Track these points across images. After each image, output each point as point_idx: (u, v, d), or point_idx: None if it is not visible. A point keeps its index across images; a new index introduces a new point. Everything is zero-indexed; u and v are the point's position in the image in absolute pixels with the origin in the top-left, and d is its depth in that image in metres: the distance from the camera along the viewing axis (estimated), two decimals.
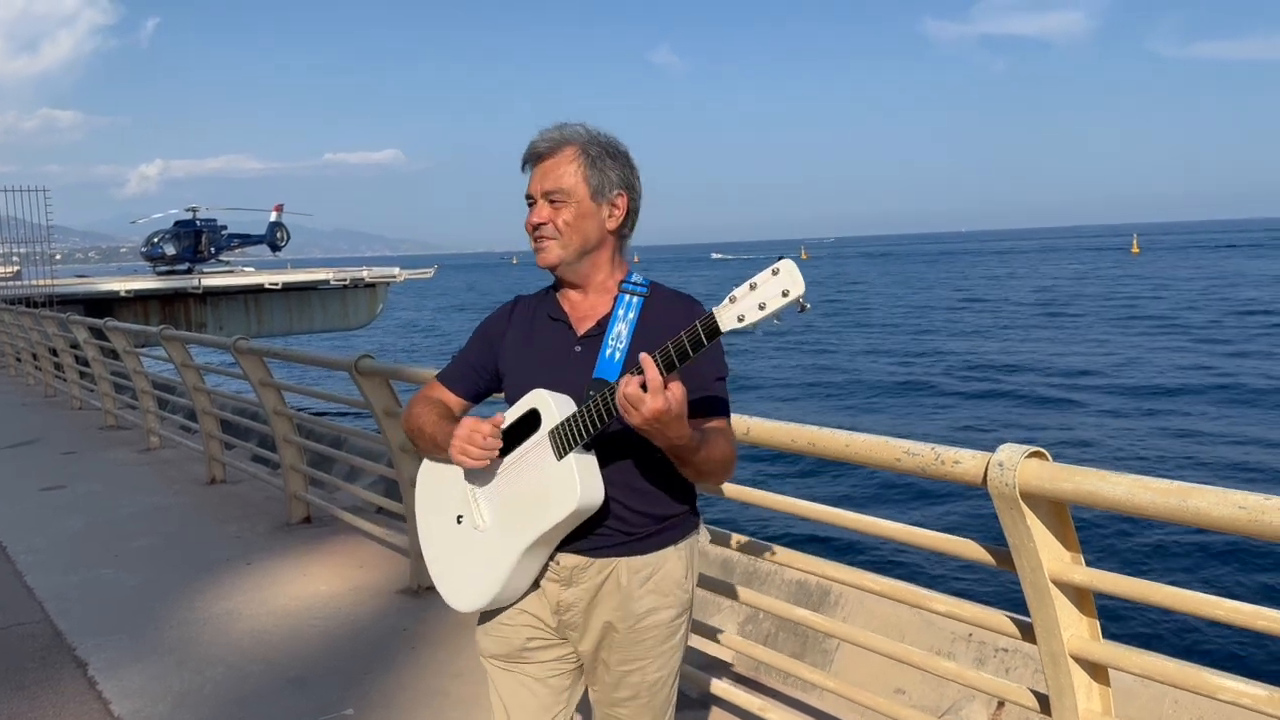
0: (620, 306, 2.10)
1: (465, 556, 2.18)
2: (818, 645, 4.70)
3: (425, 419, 2.23)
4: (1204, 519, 1.79)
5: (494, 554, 2.11)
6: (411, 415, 2.28)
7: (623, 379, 1.83)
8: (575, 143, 2.12)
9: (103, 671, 4.16)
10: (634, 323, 2.08)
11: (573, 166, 2.10)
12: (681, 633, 2.22)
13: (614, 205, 2.14)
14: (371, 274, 34.82)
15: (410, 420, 2.28)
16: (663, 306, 2.11)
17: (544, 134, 2.14)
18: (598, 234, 2.13)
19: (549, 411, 2.01)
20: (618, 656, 2.16)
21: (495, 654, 2.24)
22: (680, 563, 2.18)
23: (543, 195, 2.11)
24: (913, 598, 2.63)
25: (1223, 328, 38.41)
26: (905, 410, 24.15)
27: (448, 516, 2.22)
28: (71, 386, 12.11)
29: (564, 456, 1.97)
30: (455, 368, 2.33)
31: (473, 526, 2.16)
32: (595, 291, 2.17)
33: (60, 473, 8.22)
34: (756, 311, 1.68)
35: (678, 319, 1.92)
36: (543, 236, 2.12)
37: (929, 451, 2.29)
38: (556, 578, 2.13)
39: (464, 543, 2.18)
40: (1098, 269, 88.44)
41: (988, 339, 38.24)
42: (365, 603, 4.91)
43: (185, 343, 7.95)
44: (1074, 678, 2.20)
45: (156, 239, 41.32)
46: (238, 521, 6.53)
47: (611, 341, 2.06)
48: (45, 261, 24.92)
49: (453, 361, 2.35)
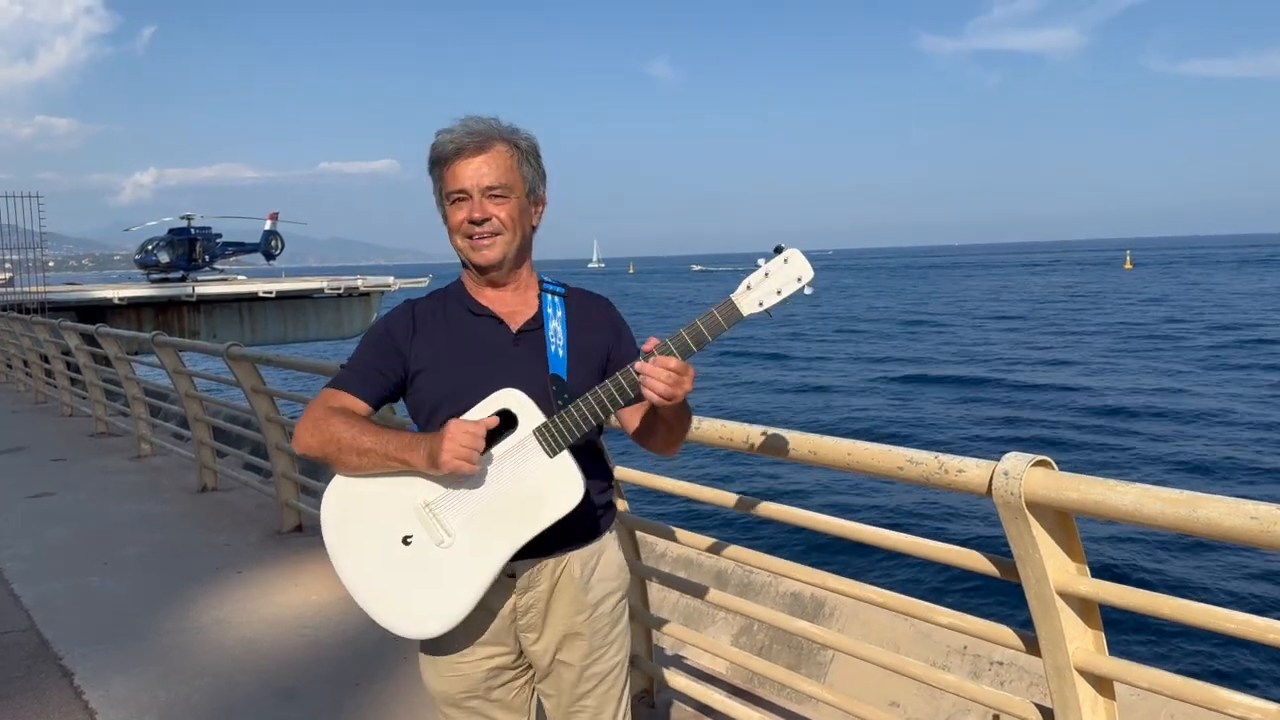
0: (548, 305, 2.16)
1: (422, 579, 1.99)
2: (812, 658, 4.65)
3: (357, 431, 1.99)
4: (1215, 530, 1.76)
5: (467, 567, 1.98)
6: (330, 428, 2.01)
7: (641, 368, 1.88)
8: (507, 138, 2.10)
9: (89, 680, 4.10)
10: (564, 319, 2.15)
11: (510, 161, 2.09)
12: (626, 614, 2.28)
13: (540, 202, 2.17)
14: (366, 283, 34.73)
15: (327, 434, 2.00)
16: (581, 304, 2.21)
17: (467, 128, 2.07)
18: (529, 231, 2.16)
19: (527, 409, 1.98)
20: (579, 651, 2.17)
21: (459, 693, 2.16)
22: (614, 546, 2.26)
23: (482, 190, 2.06)
24: (915, 610, 2.58)
25: (1221, 342, 38.62)
26: (903, 422, 24.16)
27: (388, 539, 2.00)
28: (62, 393, 12.03)
29: (557, 453, 1.97)
30: (357, 374, 2.12)
31: (432, 544, 1.98)
32: (518, 289, 2.17)
33: (49, 480, 8.14)
34: (774, 297, 1.84)
35: (598, 314, 2.20)
36: (487, 233, 2.07)
37: (932, 460, 2.25)
38: (510, 587, 2.11)
39: (417, 564, 1.98)
40: (1093, 283, 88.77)
41: (991, 353, 38.32)
42: (356, 612, 4.80)
43: (178, 349, 7.89)
44: (1079, 691, 2.16)
45: (150, 246, 41.24)
46: (228, 530, 6.46)
47: (552, 339, 2.11)
48: (38, 268, 24.84)
49: (350, 368, 2.15)
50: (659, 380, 1.86)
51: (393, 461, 1.97)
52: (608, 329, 2.20)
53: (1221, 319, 47.68)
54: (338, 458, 2.00)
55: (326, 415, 2.03)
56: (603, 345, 2.18)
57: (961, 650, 4.09)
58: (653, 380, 1.86)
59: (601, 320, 2.21)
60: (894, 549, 2.56)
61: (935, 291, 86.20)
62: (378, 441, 1.97)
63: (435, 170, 2.11)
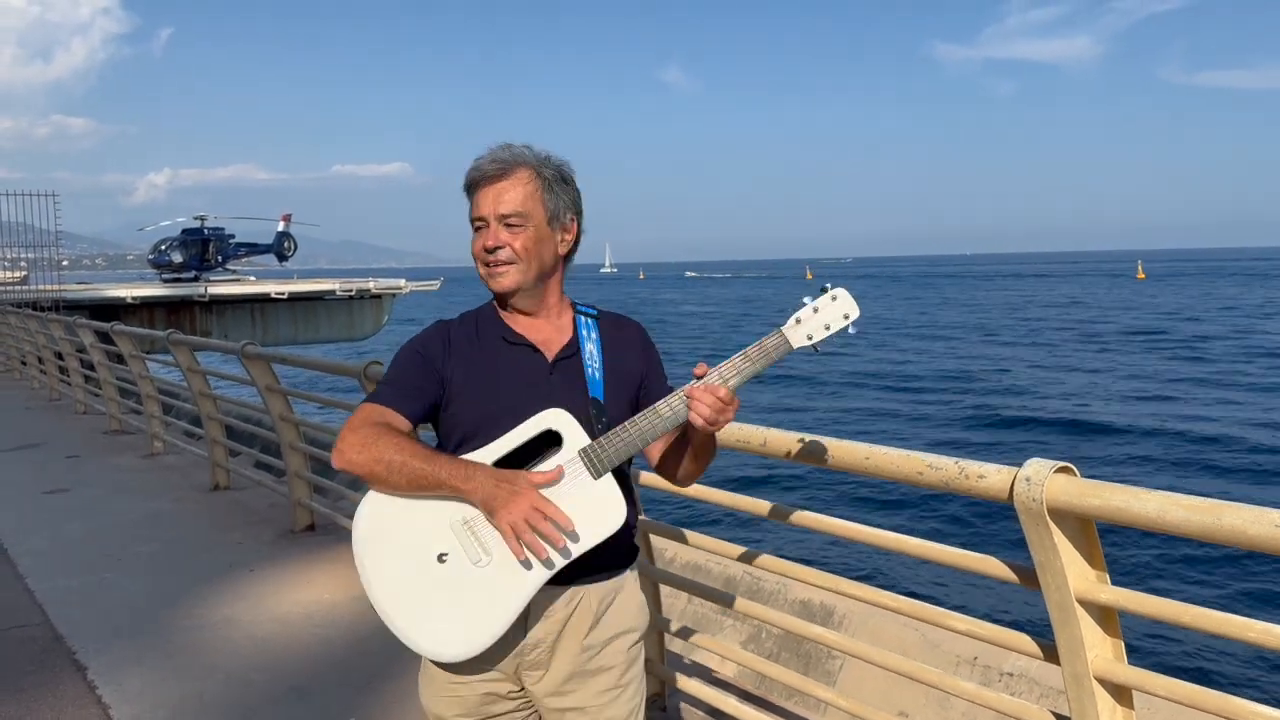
0: (582, 329, 2.15)
1: (454, 599, 1.93)
2: (820, 665, 4.64)
3: (408, 452, 1.92)
4: (1240, 538, 1.75)
5: (501, 588, 1.92)
6: (379, 447, 1.93)
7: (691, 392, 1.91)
8: (529, 165, 2.07)
9: (102, 676, 4.12)
10: (599, 342, 2.13)
11: (529, 189, 2.06)
12: (641, 659, 2.18)
13: (566, 230, 2.14)
14: (377, 285, 34.79)
15: (375, 452, 1.92)
16: (613, 326, 2.20)
17: (493, 155, 2.07)
18: (552, 259, 2.12)
19: (573, 430, 1.95)
20: (590, 691, 2.07)
21: (449, 715, 2.09)
22: (635, 585, 2.18)
23: (498, 218, 2.04)
24: (930, 616, 2.57)
25: (1241, 351, 38.49)
26: (919, 429, 24.11)
27: (423, 556, 1.94)
28: (76, 391, 12.09)
29: (601, 475, 1.94)
30: (399, 390, 2.06)
31: (469, 563, 1.92)
32: (548, 316, 2.15)
33: (63, 477, 8.18)
34: (823, 331, 1.92)
35: (631, 337, 2.20)
36: (499, 262, 2.06)
37: (952, 465, 2.24)
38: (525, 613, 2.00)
39: (451, 584, 1.92)
40: (1109, 293, 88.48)
41: (1007, 361, 38.23)
42: (368, 612, 4.81)
43: (193, 348, 7.92)
44: (1098, 700, 2.15)
45: (164, 246, 41.41)
46: (241, 528, 6.48)
47: (589, 362, 2.09)
48: (52, 267, 24.98)
49: (391, 384, 2.08)
50: (706, 405, 1.88)
51: (444, 489, 1.91)
52: (640, 352, 2.19)
53: (1239, 328, 47.50)
54: (385, 478, 1.92)
55: (375, 433, 1.95)
56: (637, 369, 2.16)
57: (971, 660, 4.07)
58: (700, 405, 1.88)
59: (634, 343, 2.20)
60: (912, 554, 2.55)
61: (949, 300, 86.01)
62: (430, 467, 1.91)
63: (467, 196, 2.11)
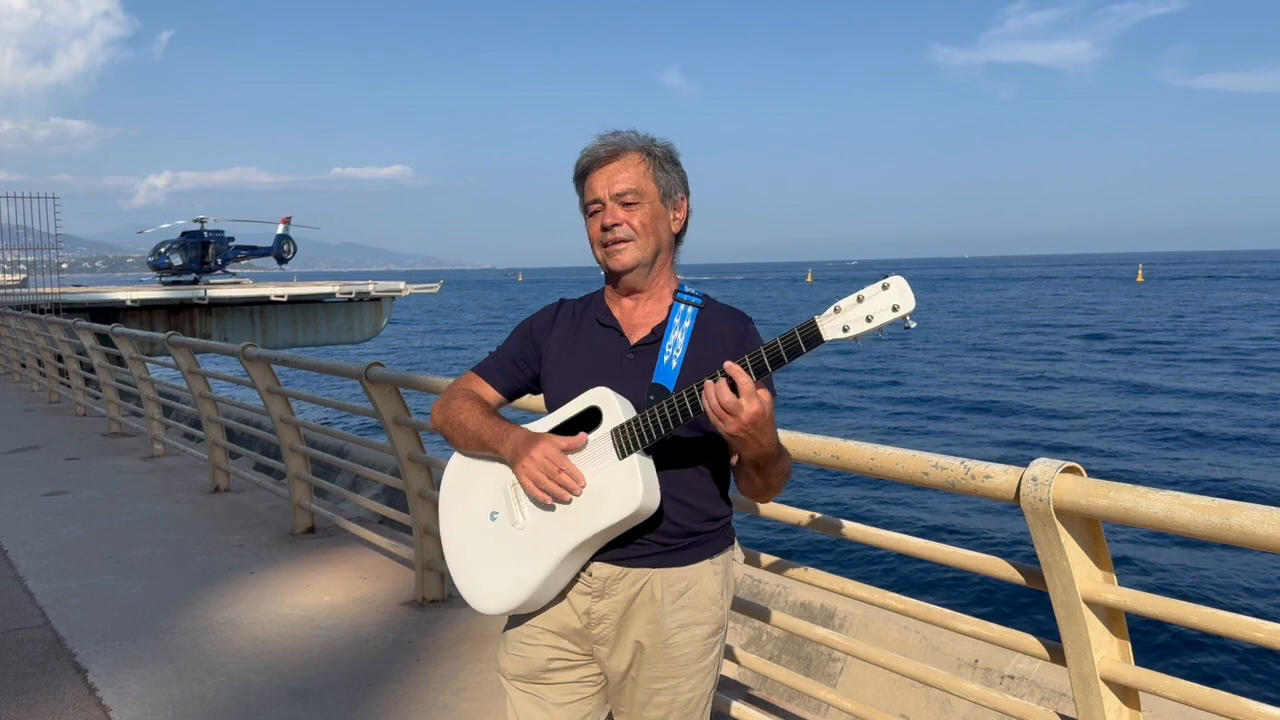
0: (676, 315, 2.10)
1: (496, 555, 2.07)
2: (821, 668, 4.63)
3: (467, 414, 2.15)
4: (1249, 538, 1.74)
5: (532, 554, 2.02)
6: (450, 408, 2.19)
7: (708, 384, 1.80)
8: (639, 146, 2.11)
9: (103, 678, 4.10)
10: (689, 331, 2.08)
11: (642, 168, 2.09)
12: (716, 652, 2.16)
13: (677, 208, 2.15)
14: (377, 288, 34.80)
15: (447, 413, 2.19)
16: (716, 318, 2.12)
17: (603, 140, 2.11)
18: (667, 237, 2.14)
19: (612, 410, 1.97)
20: (649, 673, 2.09)
21: (516, 674, 2.16)
22: (715, 579, 2.14)
23: (613, 197, 2.07)
24: (935, 617, 2.56)
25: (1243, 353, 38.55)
26: (924, 429, 24.11)
27: (479, 513, 2.12)
28: (76, 393, 12.07)
29: (626, 456, 1.94)
30: (496, 362, 2.25)
31: (510, 523, 2.07)
32: (653, 298, 2.15)
33: (63, 479, 8.17)
34: (863, 324, 1.66)
35: (730, 331, 2.08)
36: (618, 239, 2.07)
37: (958, 465, 2.23)
38: (588, 589, 2.08)
39: (496, 541, 2.08)
40: (1109, 295, 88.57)
41: (1010, 363, 38.25)
42: (369, 614, 4.85)
43: (193, 350, 7.91)
44: (1104, 701, 2.14)
45: (163, 249, 41.41)
46: (241, 530, 6.47)
47: (669, 349, 2.06)
48: (52, 269, 24.96)
49: (494, 356, 2.27)
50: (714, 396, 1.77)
51: (487, 449, 2.10)
52: (732, 344, 2.06)
53: (1235, 329, 47.56)
54: (453, 438, 2.18)
55: (454, 396, 2.21)
56: (722, 359, 1.91)
57: (973, 663, 4.07)
58: (710, 394, 1.78)
59: (729, 336, 2.08)
60: (917, 555, 2.54)
61: (951, 302, 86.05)
62: (479, 426, 2.12)
63: (577, 186, 2.16)
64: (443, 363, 46.34)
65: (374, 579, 5.38)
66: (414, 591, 5.03)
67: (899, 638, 4.30)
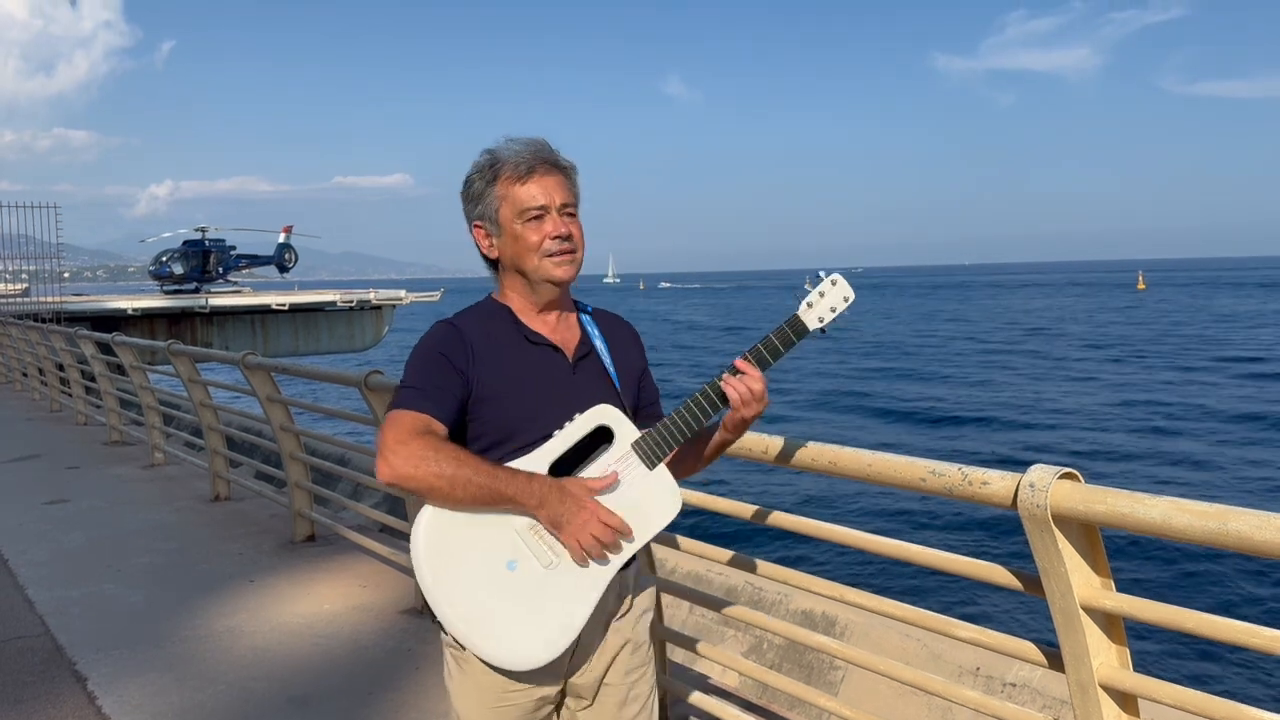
0: (589, 326, 2.19)
1: (531, 606, 1.92)
2: (822, 676, 4.63)
3: (463, 464, 1.86)
4: (1246, 543, 1.74)
5: (575, 589, 1.93)
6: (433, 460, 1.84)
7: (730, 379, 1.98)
8: (567, 159, 2.13)
9: (102, 686, 4.10)
10: (604, 339, 2.18)
11: (574, 180, 2.12)
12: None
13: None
14: (378, 296, 34.84)
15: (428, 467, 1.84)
16: (611, 324, 2.26)
17: (534, 146, 2.08)
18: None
19: (622, 424, 2.01)
20: (624, 668, 2.15)
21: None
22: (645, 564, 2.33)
23: (561, 208, 2.07)
24: (933, 624, 2.55)
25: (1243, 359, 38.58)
26: (921, 436, 24.11)
27: (493, 568, 1.91)
28: (77, 402, 12.08)
29: (655, 465, 2.01)
30: (429, 395, 1.95)
31: (541, 567, 1.92)
32: (563, 313, 2.17)
33: (64, 487, 8.17)
34: (830, 313, 2.01)
35: (630, 335, 2.27)
36: (570, 250, 2.07)
37: (956, 472, 2.23)
38: None
39: (526, 592, 1.91)
40: (1110, 302, 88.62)
41: (1009, 369, 38.25)
42: (369, 622, 4.84)
43: (194, 358, 7.92)
44: (1103, 709, 2.14)
45: (164, 258, 41.51)
46: (241, 539, 6.47)
47: (605, 359, 2.15)
48: (54, 279, 25.00)
49: (420, 389, 1.95)
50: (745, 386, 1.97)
51: (508, 504, 1.88)
52: (636, 346, 2.27)
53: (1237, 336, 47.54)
54: (446, 493, 1.85)
55: (430, 446, 1.86)
56: (637, 364, 2.24)
57: (974, 671, 4.06)
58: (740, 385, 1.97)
59: (632, 339, 2.28)
60: (915, 562, 2.54)
61: (951, 311, 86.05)
62: (495, 483, 1.86)
63: (498, 187, 2.05)
64: None
65: (374, 587, 5.37)
66: (414, 599, 5.03)
67: (900, 645, 4.30)
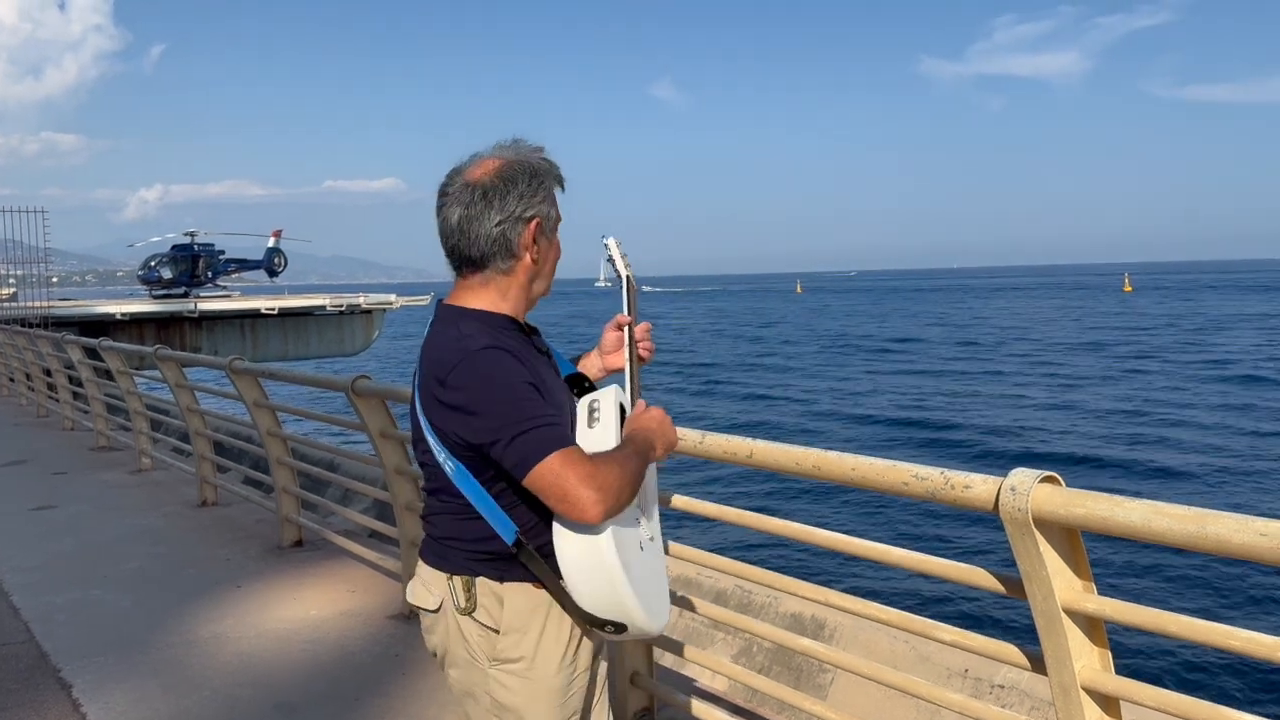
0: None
1: (656, 574, 2.11)
2: (811, 679, 4.63)
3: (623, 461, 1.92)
4: (1224, 546, 1.75)
5: (661, 549, 2.21)
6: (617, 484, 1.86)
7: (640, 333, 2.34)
8: None
9: (87, 693, 4.08)
10: None
11: None
12: None
13: None
14: (368, 300, 34.77)
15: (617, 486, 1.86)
16: None
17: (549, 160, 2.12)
18: None
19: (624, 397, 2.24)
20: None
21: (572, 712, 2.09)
22: None
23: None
24: (917, 627, 2.56)
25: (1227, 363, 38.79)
26: (905, 441, 24.16)
27: (639, 554, 2.02)
28: (64, 407, 12.03)
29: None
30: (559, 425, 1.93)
31: (648, 540, 2.12)
32: None
33: (51, 493, 8.13)
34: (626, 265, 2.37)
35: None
36: None
37: (938, 476, 2.24)
38: None
39: (651, 563, 2.08)
40: (1097, 305, 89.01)
41: (992, 372, 38.39)
42: (356, 627, 4.83)
43: (181, 363, 7.89)
44: (1085, 711, 2.15)
45: (153, 262, 41.34)
46: (229, 544, 6.45)
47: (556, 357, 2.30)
48: (41, 283, 24.90)
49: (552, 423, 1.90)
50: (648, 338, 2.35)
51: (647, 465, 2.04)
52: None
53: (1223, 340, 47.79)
54: (628, 492, 1.90)
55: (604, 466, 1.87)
56: None
57: (962, 673, 4.07)
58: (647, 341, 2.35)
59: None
60: (898, 565, 2.55)
61: (935, 312, 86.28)
62: (641, 457, 2.00)
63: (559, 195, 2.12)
64: None
65: (361, 592, 5.36)
66: (401, 604, 5.02)
67: (890, 647, 4.31)
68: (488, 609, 2.01)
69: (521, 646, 2.00)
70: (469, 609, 2.01)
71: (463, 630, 2.04)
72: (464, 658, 2.05)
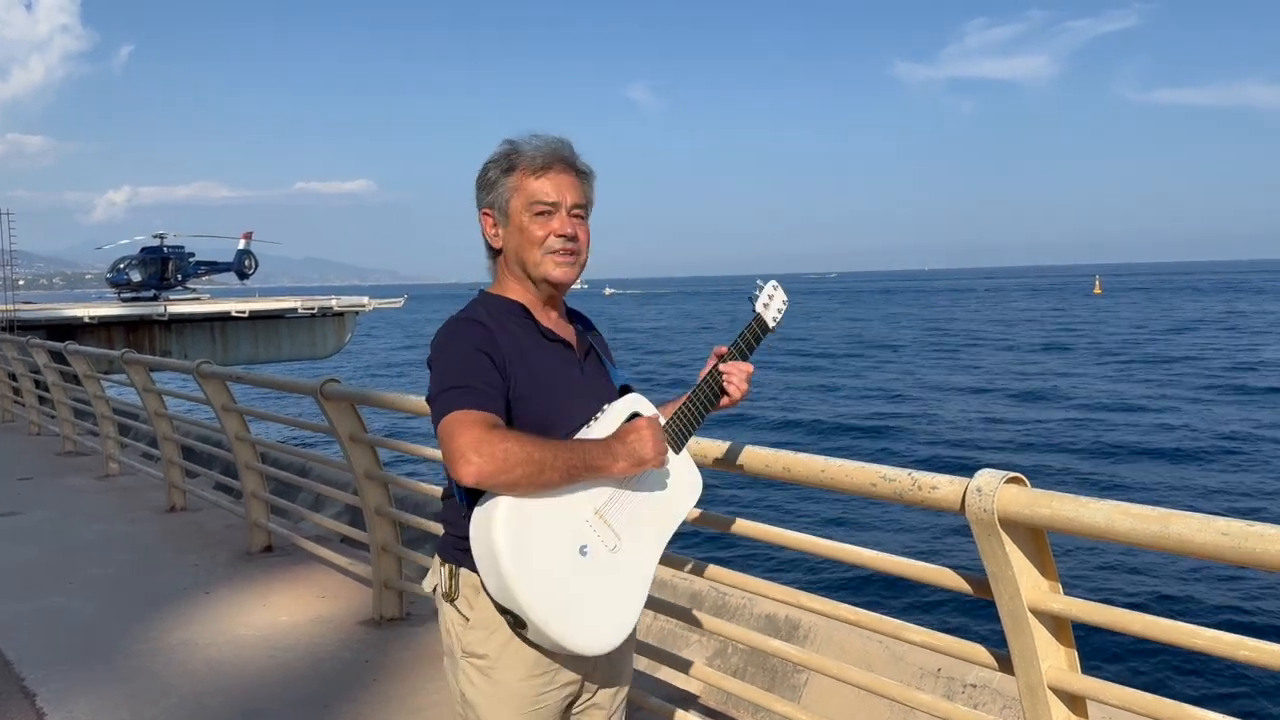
0: (578, 322, 2.26)
1: (599, 588, 1.94)
2: (786, 680, 4.64)
3: (540, 450, 1.84)
4: (1186, 546, 1.77)
5: (634, 569, 2.01)
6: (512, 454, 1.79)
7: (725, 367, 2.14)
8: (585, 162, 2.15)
9: (52, 702, 4.02)
10: (587, 335, 2.24)
11: (589, 184, 2.14)
12: None
13: None
14: (340, 303, 34.52)
15: (511, 457, 1.79)
16: (585, 320, 2.31)
17: (554, 144, 2.09)
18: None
19: (651, 412, 2.10)
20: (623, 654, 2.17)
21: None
22: None
23: (573, 208, 2.08)
24: (886, 628, 2.58)
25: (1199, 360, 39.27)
26: (876, 441, 24.29)
27: (565, 553, 1.91)
28: (30, 412, 11.87)
29: (681, 449, 2.13)
30: (481, 392, 1.90)
31: (607, 550, 1.96)
32: (561, 311, 2.20)
33: (15, 499, 8.01)
34: (778, 314, 2.29)
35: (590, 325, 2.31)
36: (574, 250, 2.09)
37: (905, 477, 2.25)
38: None
39: (593, 573, 1.93)
40: (1066, 307, 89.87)
41: (960, 373, 38.65)
42: (326, 634, 4.79)
43: (148, 367, 7.81)
44: (1052, 711, 2.16)
45: (122, 265, 40.88)
46: (197, 550, 6.38)
47: (603, 356, 2.23)
48: (7, 286, 24.56)
49: (470, 388, 1.89)
50: (741, 377, 2.14)
51: (591, 472, 1.91)
52: (602, 340, 2.32)
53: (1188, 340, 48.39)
54: (535, 479, 1.83)
55: (508, 437, 1.83)
56: (606, 354, 2.29)
57: (935, 673, 4.09)
58: (736, 377, 2.13)
59: (599, 335, 2.33)
60: (867, 566, 2.56)
61: (905, 314, 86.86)
62: (575, 455, 1.89)
63: (513, 178, 2.06)
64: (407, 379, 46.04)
65: (332, 598, 5.32)
66: (372, 610, 4.99)
67: (863, 648, 4.32)
68: (468, 599, 2.01)
69: (487, 644, 1.98)
70: (451, 596, 2.03)
71: (447, 617, 2.06)
72: (447, 645, 2.07)
